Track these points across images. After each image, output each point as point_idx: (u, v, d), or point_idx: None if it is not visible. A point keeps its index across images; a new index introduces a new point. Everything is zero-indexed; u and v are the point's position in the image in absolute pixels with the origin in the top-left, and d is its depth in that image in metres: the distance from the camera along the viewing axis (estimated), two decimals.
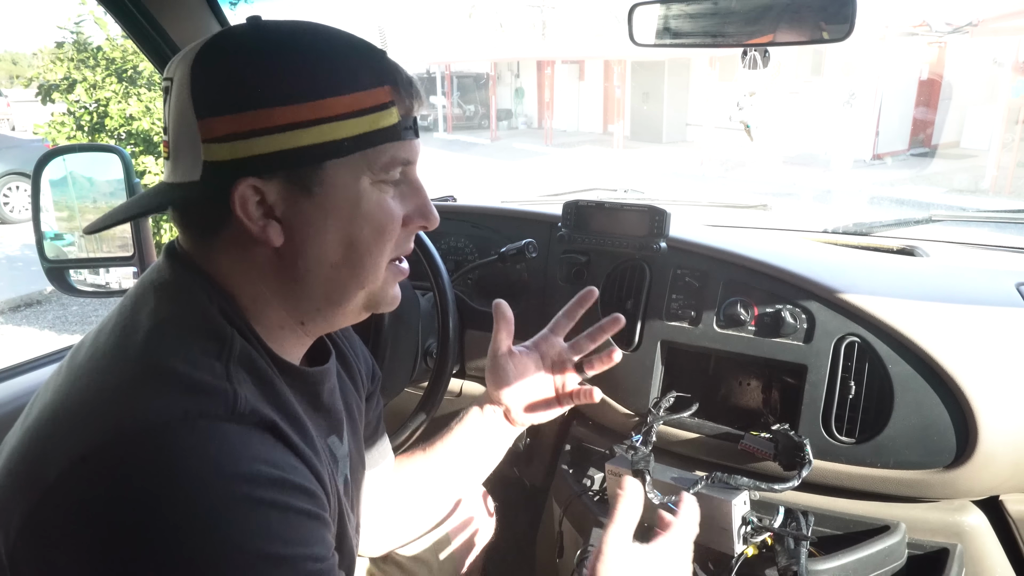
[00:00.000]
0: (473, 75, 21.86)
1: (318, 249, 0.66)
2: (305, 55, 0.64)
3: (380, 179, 0.67)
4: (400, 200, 0.70)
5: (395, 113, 0.66)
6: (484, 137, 19.17)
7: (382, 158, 0.66)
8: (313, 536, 0.58)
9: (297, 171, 0.63)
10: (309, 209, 0.65)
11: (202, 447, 0.54)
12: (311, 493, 0.60)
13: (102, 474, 0.53)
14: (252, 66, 0.63)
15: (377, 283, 0.71)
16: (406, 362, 1.42)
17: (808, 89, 13.56)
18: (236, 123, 0.61)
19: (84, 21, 5.55)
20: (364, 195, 0.66)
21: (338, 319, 0.72)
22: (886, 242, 1.57)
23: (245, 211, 0.63)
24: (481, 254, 1.56)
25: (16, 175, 9.15)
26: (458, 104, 21.93)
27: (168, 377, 0.57)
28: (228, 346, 0.62)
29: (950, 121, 12.86)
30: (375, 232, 0.67)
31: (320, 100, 0.62)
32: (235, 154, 0.62)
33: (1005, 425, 1.03)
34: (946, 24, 11.73)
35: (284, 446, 0.60)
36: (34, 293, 6.58)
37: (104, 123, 5.35)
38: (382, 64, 0.67)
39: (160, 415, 0.54)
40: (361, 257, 0.68)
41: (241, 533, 0.53)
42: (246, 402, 0.58)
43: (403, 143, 0.67)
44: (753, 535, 1.07)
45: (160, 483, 0.52)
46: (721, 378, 1.29)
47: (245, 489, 0.54)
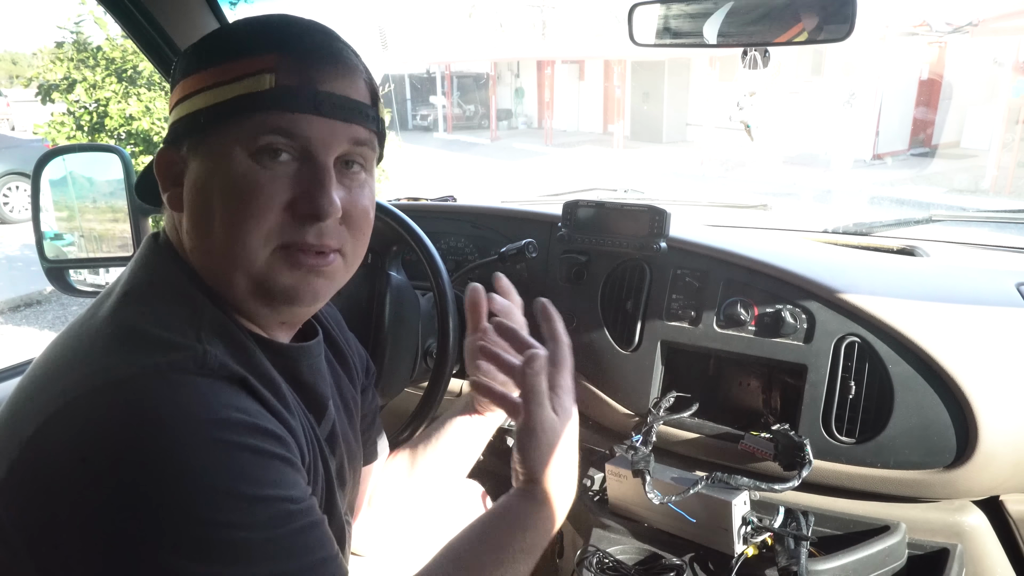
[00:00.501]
0: (473, 75, 21.86)
1: (197, 218, 0.66)
2: (216, 33, 0.70)
3: (255, 149, 0.63)
4: (289, 182, 0.64)
5: (267, 80, 0.63)
6: (484, 137, 19.17)
7: (250, 126, 0.63)
8: (287, 479, 0.59)
9: (190, 139, 0.66)
10: (195, 176, 0.66)
11: (172, 395, 0.55)
12: (282, 439, 0.60)
13: (75, 425, 0.54)
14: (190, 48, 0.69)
15: (253, 264, 0.65)
16: (406, 362, 1.41)
17: (808, 89, 13.56)
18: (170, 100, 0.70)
19: (84, 21, 5.56)
20: (231, 164, 0.63)
21: (245, 305, 0.68)
22: (886, 242, 1.57)
23: (160, 175, 0.68)
24: (481, 254, 1.56)
25: (16, 175, 9.14)
26: (458, 104, 21.93)
27: (139, 336, 0.59)
28: (199, 312, 0.63)
29: (950, 121, 12.85)
30: (233, 202, 0.63)
31: (205, 70, 0.65)
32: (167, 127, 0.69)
33: (1005, 425, 1.03)
34: (946, 24, 11.73)
35: (254, 398, 0.61)
36: (34, 293, 6.58)
37: (104, 123, 5.36)
38: (274, 34, 0.66)
39: (131, 369, 0.56)
40: (226, 232, 0.64)
41: (218, 474, 0.54)
42: (215, 358, 0.59)
43: (282, 113, 0.63)
44: (753, 535, 1.07)
45: (132, 430, 0.53)
46: (721, 378, 1.28)
47: (218, 433, 0.55)
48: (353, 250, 0.71)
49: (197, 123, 0.65)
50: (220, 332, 0.63)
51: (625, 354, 1.31)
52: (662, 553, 1.14)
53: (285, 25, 0.67)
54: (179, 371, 0.57)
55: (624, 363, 1.31)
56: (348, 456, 0.83)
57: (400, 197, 1.84)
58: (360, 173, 0.70)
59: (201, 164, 0.65)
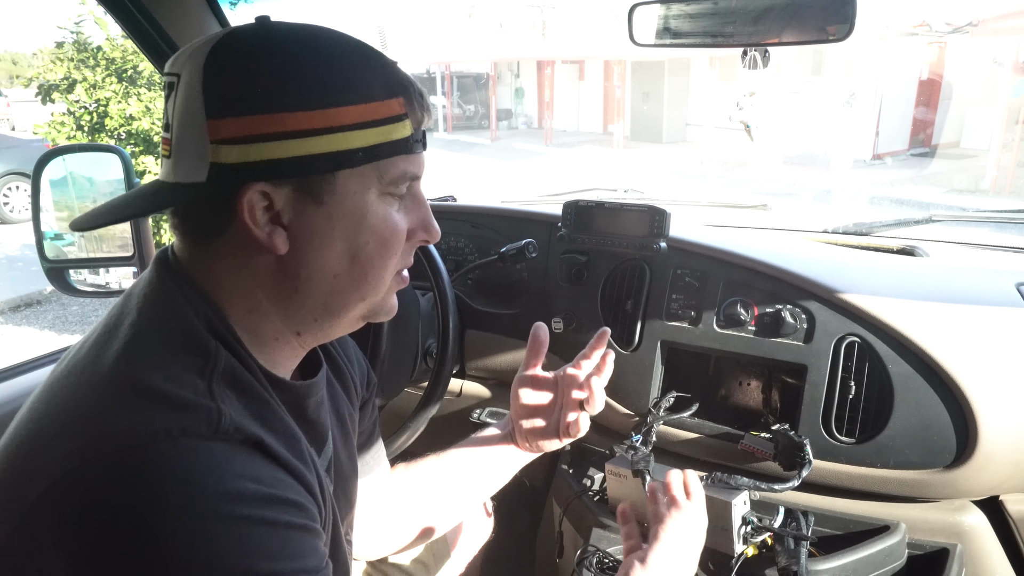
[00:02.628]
0: (473, 75, 21.86)
1: (322, 260, 0.65)
2: (318, 60, 0.62)
3: (387, 192, 0.66)
4: (404, 213, 0.69)
5: (408, 126, 0.65)
6: (484, 137, 19.16)
7: (392, 171, 0.65)
8: (304, 549, 0.57)
9: (307, 179, 0.62)
10: (316, 218, 0.63)
11: (185, 466, 0.53)
12: (300, 506, 0.59)
13: (81, 496, 0.51)
14: (266, 68, 0.61)
15: (379, 295, 0.70)
16: (406, 362, 1.42)
17: (808, 89, 13.55)
18: (248, 126, 0.59)
19: (84, 21, 5.55)
20: (371, 207, 0.65)
21: (335, 329, 0.71)
22: (886, 242, 1.57)
23: (252, 217, 0.61)
24: (481, 254, 1.56)
25: (16, 175, 9.14)
26: (458, 104, 21.92)
27: (147, 394, 0.55)
28: (212, 361, 0.60)
29: (950, 121, 12.85)
30: (380, 245, 0.66)
31: (334, 108, 0.61)
32: (245, 157, 0.59)
33: (1005, 425, 1.03)
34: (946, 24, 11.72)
35: (271, 461, 0.59)
36: (34, 293, 6.58)
37: (104, 123, 5.35)
38: (395, 75, 0.66)
39: (139, 434, 0.53)
40: (364, 270, 0.67)
41: (228, 552, 0.52)
42: (230, 419, 0.56)
43: (413, 156, 0.67)
44: (753, 535, 1.07)
45: (142, 504, 0.51)
46: (721, 378, 1.29)
47: (230, 507, 0.53)
48: None
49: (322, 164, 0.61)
50: (233, 382, 0.61)
51: (625, 354, 1.31)
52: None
53: (386, 61, 0.66)
54: (191, 436, 0.54)
55: (624, 363, 1.31)
56: (342, 479, 0.82)
57: None
58: None
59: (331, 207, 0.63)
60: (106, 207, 0.70)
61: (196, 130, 0.60)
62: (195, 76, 0.60)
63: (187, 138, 0.61)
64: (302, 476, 0.62)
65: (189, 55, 0.62)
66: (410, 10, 23.41)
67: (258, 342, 0.66)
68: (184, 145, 0.62)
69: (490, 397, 1.56)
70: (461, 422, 1.51)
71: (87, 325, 5.98)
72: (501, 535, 1.28)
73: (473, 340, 1.53)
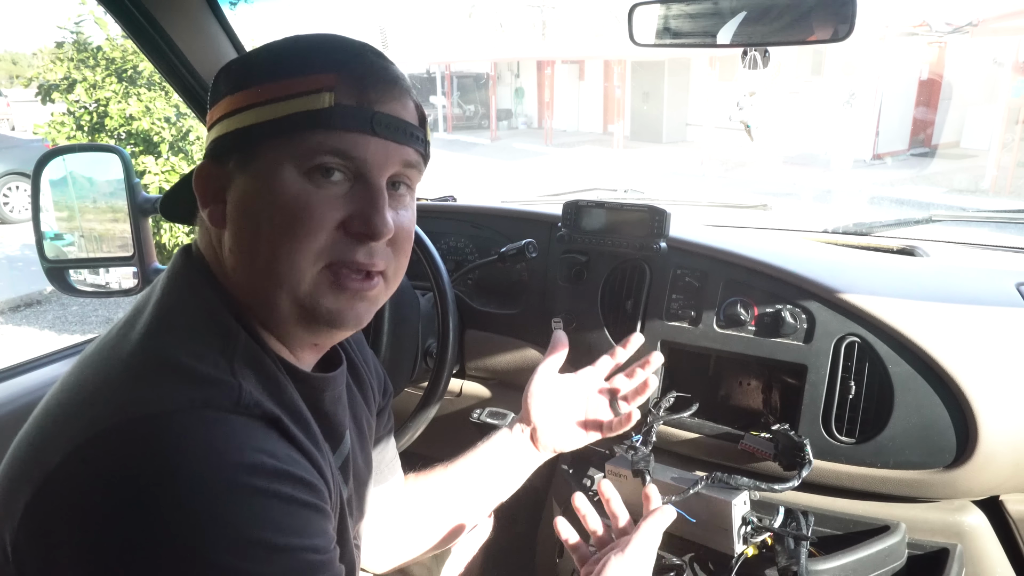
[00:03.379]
0: (473, 75, 21.86)
1: (242, 236, 0.65)
2: (269, 49, 0.68)
3: (308, 167, 0.63)
4: (343, 201, 0.64)
5: (327, 98, 0.62)
6: (484, 137, 19.17)
7: (307, 143, 0.62)
8: (313, 527, 0.58)
9: (239, 155, 0.65)
10: (241, 192, 0.65)
11: (205, 436, 0.54)
12: (312, 486, 0.59)
13: (103, 460, 0.53)
14: (237, 62, 0.70)
15: (299, 285, 0.64)
16: (406, 362, 1.42)
17: (808, 89, 13.56)
18: (212, 114, 0.68)
19: (84, 21, 5.56)
20: (283, 181, 0.63)
21: (280, 327, 0.67)
22: (886, 242, 1.57)
23: (199, 190, 0.67)
24: (481, 254, 1.56)
25: (16, 175, 9.15)
26: (458, 104, 21.92)
27: (173, 368, 0.57)
28: (233, 341, 0.62)
29: (950, 121, 12.86)
30: (284, 220, 0.62)
31: (251, 88, 0.64)
32: (207, 141, 0.68)
33: (1005, 425, 1.03)
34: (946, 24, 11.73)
35: (286, 440, 0.60)
36: (34, 293, 6.58)
37: (104, 123, 5.36)
38: (335, 53, 0.65)
39: (164, 404, 0.54)
40: (273, 251, 0.63)
41: (242, 520, 0.53)
42: (250, 395, 0.58)
43: (339, 133, 0.63)
44: (753, 535, 1.07)
45: (162, 470, 0.52)
46: (721, 378, 1.29)
47: (246, 478, 0.54)
48: (395, 272, 0.71)
49: (247, 138, 0.64)
50: (253, 363, 0.62)
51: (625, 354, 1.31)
52: (662, 553, 1.14)
53: (342, 45, 0.67)
54: (213, 408, 0.56)
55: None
56: (358, 483, 0.82)
57: None
58: (406, 195, 0.70)
59: (249, 181, 0.64)
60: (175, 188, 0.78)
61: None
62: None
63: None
64: (314, 458, 0.63)
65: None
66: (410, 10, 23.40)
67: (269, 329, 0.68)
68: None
69: (490, 397, 1.56)
70: (461, 422, 1.51)
71: (87, 325, 5.98)
72: (501, 535, 1.28)
73: (473, 340, 1.53)
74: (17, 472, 0.57)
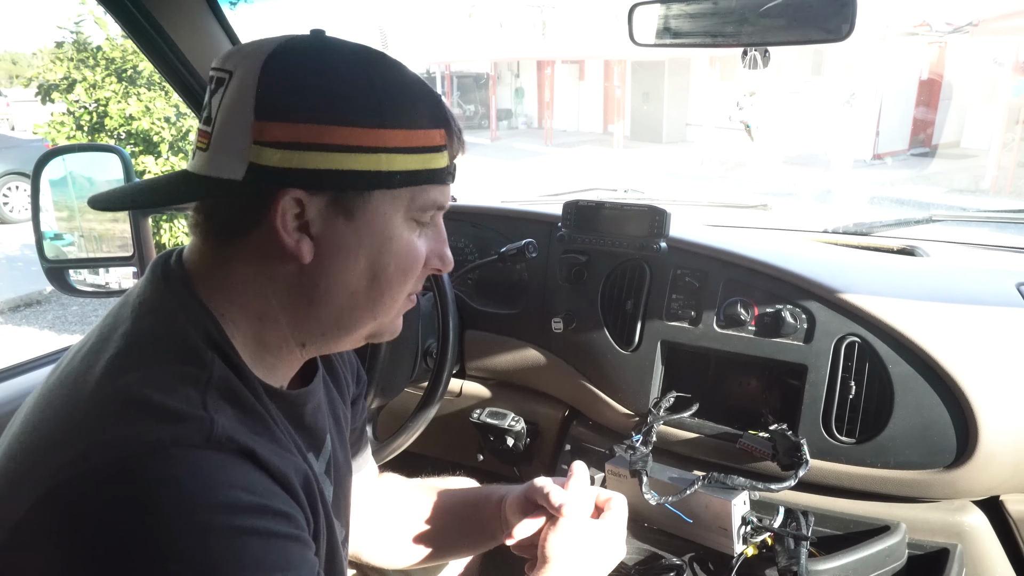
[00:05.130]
0: (473, 75, 21.86)
1: (344, 275, 0.65)
2: (373, 81, 0.63)
3: (413, 217, 0.67)
4: (424, 240, 0.70)
5: (446, 157, 0.67)
6: (484, 137, 19.16)
7: (424, 198, 0.67)
8: (294, 559, 0.57)
9: (343, 193, 0.63)
10: (345, 233, 0.64)
11: (176, 477, 0.52)
12: (290, 517, 0.58)
13: (72, 508, 0.51)
14: (321, 80, 0.62)
15: (389, 316, 0.71)
16: (406, 362, 1.42)
17: (808, 89, 13.55)
18: (295, 132, 0.60)
19: (84, 21, 5.55)
20: (397, 231, 0.66)
21: (341, 345, 0.72)
22: (886, 242, 1.57)
23: (283, 222, 0.62)
24: (481, 254, 1.56)
25: (16, 175, 9.14)
26: (458, 104, 21.92)
27: (139, 405, 0.55)
28: (207, 371, 0.59)
29: (950, 121, 12.85)
30: (400, 269, 0.68)
31: (381, 129, 0.62)
32: (286, 163, 0.60)
33: (1005, 425, 1.03)
34: (946, 24, 11.72)
35: (262, 472, 0.58)
36: (34, 293, 6.58)
37: (104, 123, 5.36)
38: (441, 107, 0.68)
39: (131, 446, 0.52)
40: (382, 290, 0.68)
41: (222, 563, 0.51)
42: (223, 429, 0.56)
43: (444, 188, 0.69)
44: (753, 535, 1.07)
45: (133, 516, 0.50)
46: (721, 378, 1.28)
47: (222, 518, 0.52)
48: None
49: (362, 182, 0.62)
50: (228, 393, 0.60)
51: (625, 354, 1.31)
52: (662, 553, 1.15)
53: (435, 97, 0.68)
54: (183, 446, 0.53)
55: (624, 363, 1.31)
56: (340, 479, 0.82)
57: None
58: None
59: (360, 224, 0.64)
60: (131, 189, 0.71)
61: (242, 128, 0.61)
62: (251, 75, 0.61)
63: (231, 135, 0.62)
64: (292, 487, 0.61)
65: (246, 55, 0.63)
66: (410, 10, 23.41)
67: (260, 350, 0.66)
68: (226, 141, 0.62)
69: (490, 397, 1.56)
70: (461, 422, 1.51)
71: (87, 325, 5.98)
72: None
73: (473, 340, 1.53)
74: None
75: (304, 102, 0.61)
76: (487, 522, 0.99)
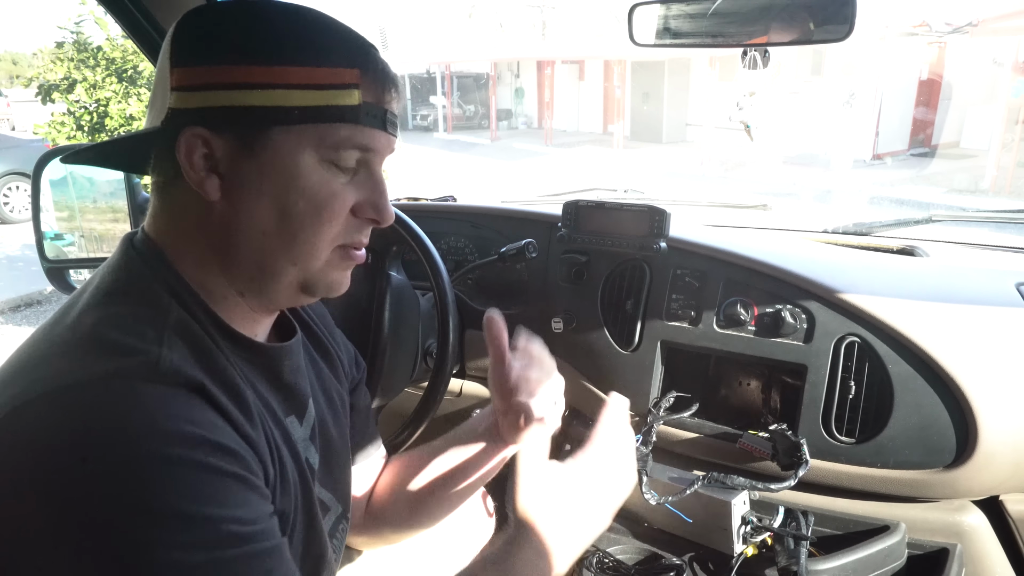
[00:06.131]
0: (473, 75, 21.87)
1: (251, 213, 0.65)
2: (278, 23, 0.66)
3: (329, 158, 0.66)
4: (353, 188, 0.69)
5: (356, 95, 0.65)
6: (484, 137, 19.17)
7: (334, 137, 0.65)
8: (236, 498, 0.56)
9: (245, 130, 0.64)
10: (250, 170, 0.64)
11: (115, 406, 0.54)
12: (235, 454, 0.58)
13: (19, 432, 0.53)
14: (228, 24, 0.66)
15: (313, 264, 0.69)
16: (406, 362, 1.42)
17: (808, 89, 13.56)
18: (197, 75, 0.64)
19: (84, 21, 5.56)
20: (306, 169, 0.65)
21: (274, 294, 0.70)
22: (886, 242, 1.57)
23: (189, 160, 0.64)
24: (481, 254, 1.56)
25: (16, 175, 9.15)
26: (458, 104, 21.93)
27: (96, 341, 0.58)
28: (163, 314, 0.62)
29: (950, 121, 12.86)
30: (311, 209, 0.66)
31: (279, 66, 0.63)
32: (189, 103, 0.63)
33: (1005, 425, 1.03)
34: (946, 24, 11.73)
35: (210, 407, 0.58)
36: (34, 293, 6.58)
37: (104, 123, 5.36)
38: (356, 48, 0.67)
39: (79, 375, 0.55)
40: (294, 231, 0.66)
41: (154, 491, 0.51)
42: (170, 363, 0.57)
43: (363, 128, 0.66)
44: (753, 535, 1.07)
45: (71, 442, 0.51)
46: (721, 378, 1.29)
47: (158, 446, 0.52)
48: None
49: (261, 118, 0.63)
50: (184, 333, 0.62)
51: (625, 354, 1.31)
52: (662, 553, 1.15)
53: (356, 39, 0.68)
54: (125, 378, 0.55)
55: (624, 363, 1.31)
56: (331, 453, 0.82)
57: (400, 197, 1.84)
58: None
59: (261, 162, 0.64)
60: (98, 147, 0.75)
61: (163, 78, 0.65)
62: (171, 29, 0.67)
63: (158, 87, 0.67)
64: (241, 427, 0.61)
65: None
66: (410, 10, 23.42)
67: (213, 299, 0.68)
68: (155, 94, 0.67)
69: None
70: (461, 422, 1.51)
71: None
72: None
73: (473, 340, 1.54)
74: None
75: (207, 47, 0.65)
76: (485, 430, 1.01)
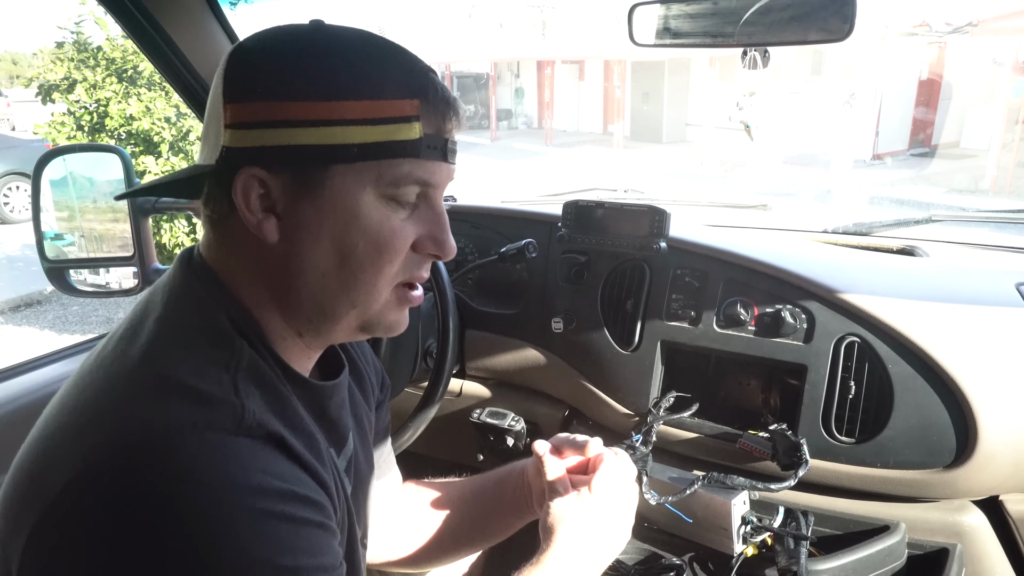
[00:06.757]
0: (473, 75, 21.85)
1: (310, 255, 0.63)
2: (332, 56, 0.62)
3: (388, 195, 0.63)
4: (413, 223, 0.66)
5: (417, 128, 0.62)
6: (484, 137, 19.15)
7: (393, 173, 0.62)
8: (322, 546, 0.58)
9: (303, 170, 0.61)
10: (308, 211, 0.62)
11: (210, 458, 0.53)
12: (318, 504, 0.59)
13: (106, 486, 0.51)
14: (280, 58, 0.62)
15: (373, 305, 0.66)
16: (406, 362, 1.42)
17: (808, 89, 13.56)
18: (253, 111, 0.60)
19: (84, 21, 5.55)
20: (366, 207, 0.62)
21: (332, 334, 0.69)
22: (886, 242, 1.57)
23: (246, 201, 0.61)
24: (481, 254, 1.56)
25: (16, 175, 9.15)
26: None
27: (174, 388, 0.56)
28: (236, 356, 0.60)
29: (950, 121, 12.85)
30: (371, 248, 0.63)
31: (335, 101, 0.60)
32: (245, 141, 0.60)
33: (1005, 425, 1.03)
34: (946, 24, 11.72)
35: (291, 459, 0.59)
36: (34, 293, 6.58)
37: (104, 123, 5.36)
38: (415, 77, 0.64)
39: (166, 427, 0.53)
40: (353, 272, 0.64)
41: (251, 545, 0.52)
42: (253, 415, 0.57)
43: (423, 162, 0.64)
44: (753, 535, 1.07)
45: (165, 495, 0.51)
46: (721, 378, 1.29)
47: (254, 501, 0.53)
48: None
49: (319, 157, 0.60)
50: (257, 379, 0.61)
51: (625, 354, 1.31)
52: (662, 553, 1.15)
53: (415, 65, 0.65)
54: (216, 430, 0.54)
55: (624, 363, 1.31)
56: (361, 482, 0.82)
57: None
58: None
59: (323, 201, 0.62)
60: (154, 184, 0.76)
61: (216, 115, 0.62)
62: (223, 63, 0.63)
63: (210, 123, 0.64)
64: (319, 474, 0.62)
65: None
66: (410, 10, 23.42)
67: (273, 339, 0.66)
68: (208, 130, 0.64)
69: (490, 397, 1.56)
70: (461, 422, 1.51)
71: (87, 325, 5.98)
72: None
73: (473, 340, 1.54)
74: (21, 493, 0.55)
75: (262, 81, 0.61)
76: (512, 495, 0.97)
